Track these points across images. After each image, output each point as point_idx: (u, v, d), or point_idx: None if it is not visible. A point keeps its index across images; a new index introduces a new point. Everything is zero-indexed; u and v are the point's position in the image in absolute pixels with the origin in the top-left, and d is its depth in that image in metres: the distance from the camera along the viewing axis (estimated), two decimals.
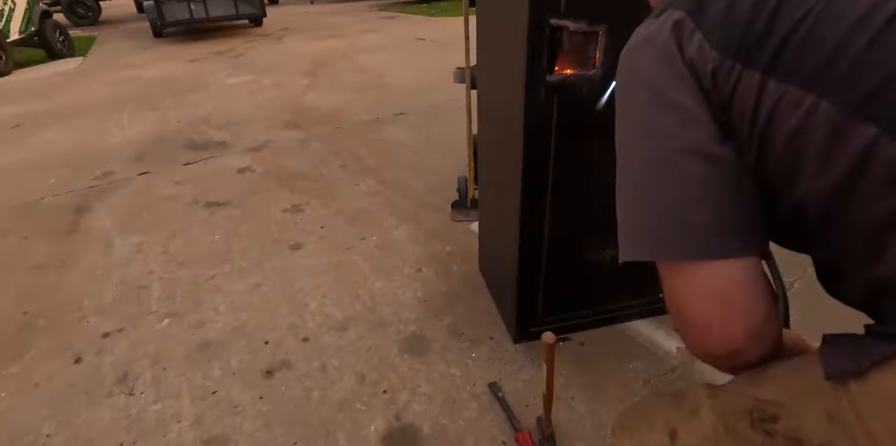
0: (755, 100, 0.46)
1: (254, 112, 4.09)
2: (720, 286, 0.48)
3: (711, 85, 0.48)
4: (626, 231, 0.55)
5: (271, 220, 2.44)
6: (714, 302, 0.48)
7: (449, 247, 2.16)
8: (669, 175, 0.50)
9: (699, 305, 0.49)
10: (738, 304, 0.48)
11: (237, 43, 7.48)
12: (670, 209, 0.50)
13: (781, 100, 0.45)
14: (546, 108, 1.24)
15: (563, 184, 1.37)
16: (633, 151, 0.55)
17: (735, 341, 0.48)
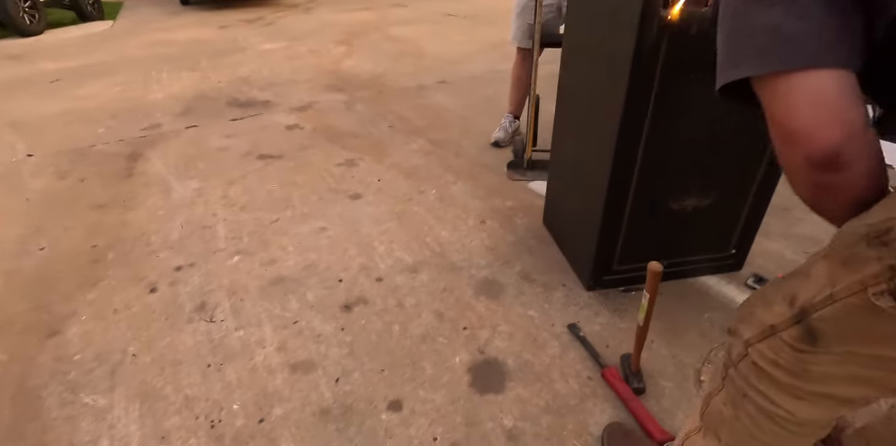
0: None
1: (294, 75, 4.07)
2: (820, 93, 0.50)
3: None
4: (738, 50, 0.55)
5: (327, 172, 2.44)
6: (814, 108, 0.50)
7: (510, 203, 2.16)
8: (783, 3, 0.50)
9: (800, 113, 0.51)
10: (836, 110, 0.50)
11: (266, 12, 7.42)
12: (773, 25, 0.51)
13: None
14: (655, 45, 1.23)
15: (657, 129, 1.36)
16: None
17: (836, 145, 0.50)
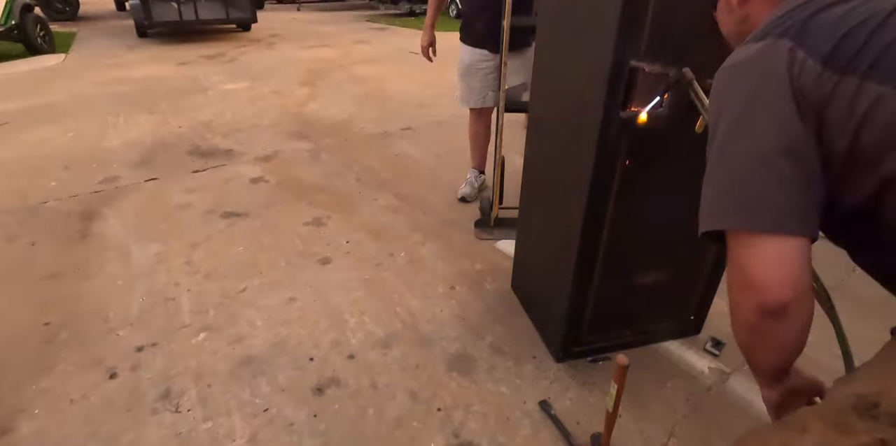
0: (851, 101, 0.59)
1: (257, 120, 4.05)
2: (784, 256, 0.61)
3: (813, 93, 0.61)
4: (716, 207, 0.67)
5: (294, 233, 2.42)
6: (776, 268, 0.61)
7: (478, 265, 2.20)
8: (764, 169, 0.62)
9: (763, 269, 0.61)
10: (794, 273, 0.61)
11: (227, 47, 7.39)
12: (759, 193, 0.63)
13: (879, 98, 0.57)
14: (616, 140, 1.31)
15: (622, 210, 1.44)
16: (730, 144, 0.66)
17: (786, 301, 0.61)
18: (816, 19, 0.64)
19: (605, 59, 1.20)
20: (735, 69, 0.69)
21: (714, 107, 0.71)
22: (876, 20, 0.61)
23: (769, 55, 0.65)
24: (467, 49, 2.50)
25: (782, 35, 0.65)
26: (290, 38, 8.36)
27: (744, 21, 0.81)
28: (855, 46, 0.60)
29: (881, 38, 0.59)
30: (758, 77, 0.65)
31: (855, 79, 0.59)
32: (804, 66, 0.61)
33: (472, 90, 2.55)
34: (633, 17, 1.15)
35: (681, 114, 1.29)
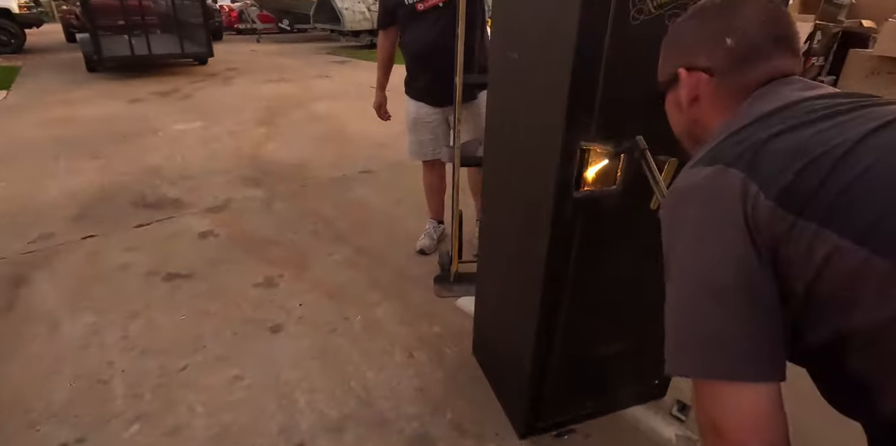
0: (809, 245, 0.55)
1: (210, 164, 3.91)
2: (753, 405, 0.56)
3: (767, 230, 0.57)
4: (675, 350, 0.63)
5: (243, 297, 2.29)
6: (745, 419, 0.56)
7: (437, 328, 2.11)
8: (722, 308, 0.58)
9: (732, 420, 0.57)
10: (765, 423, 0.56)
11: (182, 83, 7.23)
12: (715, 336, 0.59)
13: (836, 250, 0.53)
14: (570, 220, 1.27)
15: (581, 282, 1.39)
16: (686, 279, 0.63)
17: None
18: (773, 146, 0.60)
19: (555, 139, 1.17)
20: (684, 196, 0.65)
21: (666, 233, 0.67)
22: (838, 151, 0.56)
23: (720, 186, 0.60)
24: (412, 102, 2.46)
25: (734, 163, 0.60)
26: (248, 71, 8.26)
27: (694, 122, 0.78)
28: (812, 185, 0.55)
29: (842, 175, 0.54)
30: (709, 208, 0.61)
31: (812, 224, 0.54)
32: (757, 201, 0.57)
33: (421, 143, 2.50)
34: (583, 97, 1.11)
35: (635, 190, 1.26)
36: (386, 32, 2.42)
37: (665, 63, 0.81)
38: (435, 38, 2.20)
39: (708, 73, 0.73)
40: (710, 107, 0.75)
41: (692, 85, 0.74)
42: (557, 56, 1.09)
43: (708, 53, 0.72)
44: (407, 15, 2.26)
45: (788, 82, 0.70)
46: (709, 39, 0.72)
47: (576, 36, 1.02)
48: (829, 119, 0.60)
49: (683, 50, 0.76)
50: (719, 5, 0.73)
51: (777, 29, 0.71)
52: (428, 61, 2.28)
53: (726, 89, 0.72)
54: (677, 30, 0.79)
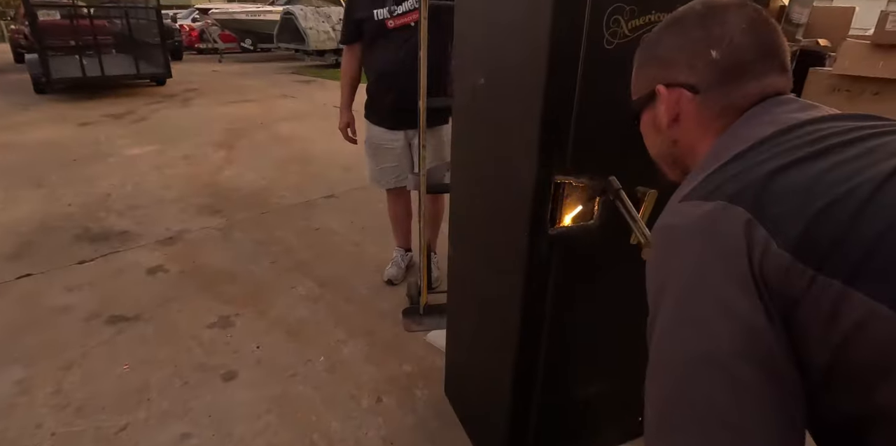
0: (833, 307, 0.45)
1: (163, 192, 3.69)
2: None
3: (779, 287, 0.47)
4: (660, 422, 0.53)
5: (195, 340, 2.09)
6: None
7: (407, 367, 1.97)
8: (719, 381, 0.48)
9: None
10: None
11: (137, 104, 6.96)
12: (715, 414, 0.48)
13: (871, 315, 0.43)
14: (546, 258, 1.16)
15: (560, 321, 1.29)
16: (675, 340, 0.53)
17: None
18: (781, 181, 0.50)
19: (528, 174, 1.06)
20: (677, 237, 0.55)
21: (654, 277, 0.57)
22: (863, 192, 0.46)
23: (720, 227, 0.51)
24: (373, 127, 2.32)
25: (736, 199, 0.51)
26: (208, 92, 8.03)
27: (675, 144, 0.70)
28: (835, 232, 0.45)
29: (870, 223, 0.44)
30: (706, 255, 0.51)
31: (837, 282, 0.45)
32: (767, 249, 0.47)
33: (384, 171, 2.37)
34: (557, 128, 1.02)
35: (614, 224, 1.17)
36: (351, 48, 2.26)
37: (639, 79, 0.72)
38: (403, 57, 2.08)
39: (690, 90, 0.64)
40: (693, 127, 0.66)
41: (672, 103, 0.66)
42: (528, 82, 1.00)
43: (690, 67, 0.64)
44: (375, 31, 2.12)
45: (783, 102, 0.62)
46: (690, 51, 0.64)
47: (546, 61, 0.93)
48: (844, 149, 0.51)
49: (661, 63, 0.67)
50: (700, 13, 0.65)
51: (765, 40, 0.63)
52: (393, 82, 2.16)
53: (712, 108, 0.64)
54: (653, 41, 0.70)
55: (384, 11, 2.07)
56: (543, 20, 0.91)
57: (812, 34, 3.13)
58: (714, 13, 0.64)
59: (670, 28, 0.67)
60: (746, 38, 0.62)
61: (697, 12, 0.65)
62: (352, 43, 2.23)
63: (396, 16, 2.07)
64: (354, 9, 2.14)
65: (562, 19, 0.91)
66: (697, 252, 0.52)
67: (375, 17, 2.08)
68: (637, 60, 0.73)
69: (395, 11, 2.06)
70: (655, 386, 0.54)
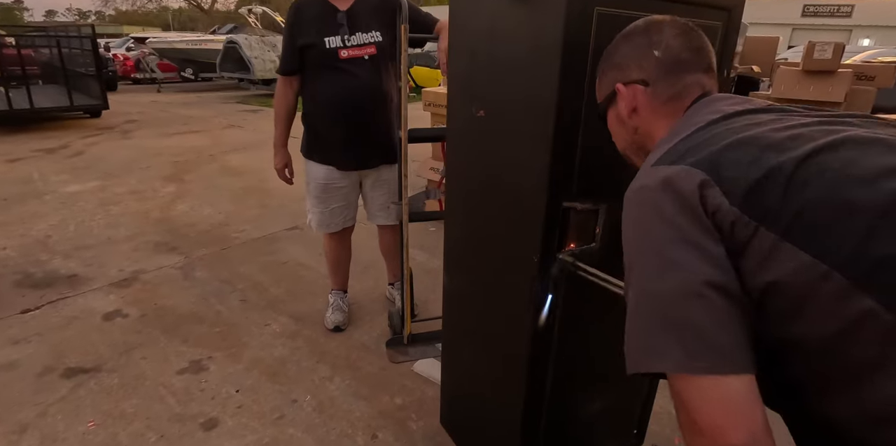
0: (767, 255, 0.57)
1: (111, 231, 3.47)
2: (733, 396, 0.57)
3: (730, 234, 0.60)
4: (646, 347, 0.64)
5: (166, 388, 1.95)
6: (725, 409, 0.57)
7: (399, 399, 1.91)
8: (698, 303, 0.59)
9: (713, 412, 0.57)
10: (745, 413, 0.57)
11: (72, 137, 6.58)
12: (696, 331, 0.59)
13: (795, 263, 0.55)
14: (556, 284, 1.18)
15: (563, 349, 1.30)
16: (657, 278, 0.63)
17: (740, 443, 0.56)
18: (730, 155, 0.62)
19: (538, 201, 1.09)
20: (647, 193, 0.67)
21: (629, 235, 0.69)
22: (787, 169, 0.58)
23: (682, 184, 0.62)
24: (318, 167, 2.13)
25: (697, 164, 0.63)
26: (149, 123, 7.72)
27: (635, 131, 0.84)
28: (770, 197, 0.57)
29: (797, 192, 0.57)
30: (673, 208, 0.63)
31: (773, 235, 0.57)
32: (721, 205, 0.60)
33: (332, 213, 2.20)
34: (564, 157, 1.05)
35: (614, 245, 1.20)
36: (290, 80, 2.07)
37: (602, 83, 0.88)
38: (355, 90, 1.97)
39: (642, 84, 0.80)
40: (649, 115, 0.81)
41: (630, 97, 0.81)
42: (537, 116, 1.03)
43: (639, 66, 0.80)
44: (323, 61, 1.96)
45: (723, 98, 0.76)
46: (638, 54, 0.80)
47: (556, 99, 0.97)
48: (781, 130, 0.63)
49: (617, 67, 0.84)
50: (642, 27, 0.82)
51: (694, 43, 0.79)
52: (344, 117, 2.01)
53: (661, 97, 0.79)
54: (610, 52, 0.86)
55: (337, 39, 1.93)
56: (553, 60, 0.95)
57: (745, 62, 3.41)
58: (654, 25, 0.81)
59: (621, 39, 0.85)
60: (679, 40, 0.79)
61: (641, 26, 0.82)
62: (292, 74, 2.05)
63: (351, 46, 1.95)
64: (298, 34, 1.96)
65: (570, 59, 0.95)
66: (664, 205, 0.63)
67: (327, 44, 1.93)
68: (599, 69, 0.89)
69: (350, 41, 1.95)
70: (638, 315, 0.65)
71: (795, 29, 19.33)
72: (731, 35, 1.21)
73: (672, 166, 0.65)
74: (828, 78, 2.49)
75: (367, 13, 1.97)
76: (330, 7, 1.97)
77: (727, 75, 1.28)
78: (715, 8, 1.15)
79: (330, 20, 1.96)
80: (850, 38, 19.20)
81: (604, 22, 0.96)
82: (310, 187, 2.21)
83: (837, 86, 2.50)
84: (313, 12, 1.98)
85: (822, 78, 2.50)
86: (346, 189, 2.20)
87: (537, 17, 0.99)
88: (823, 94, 2.51)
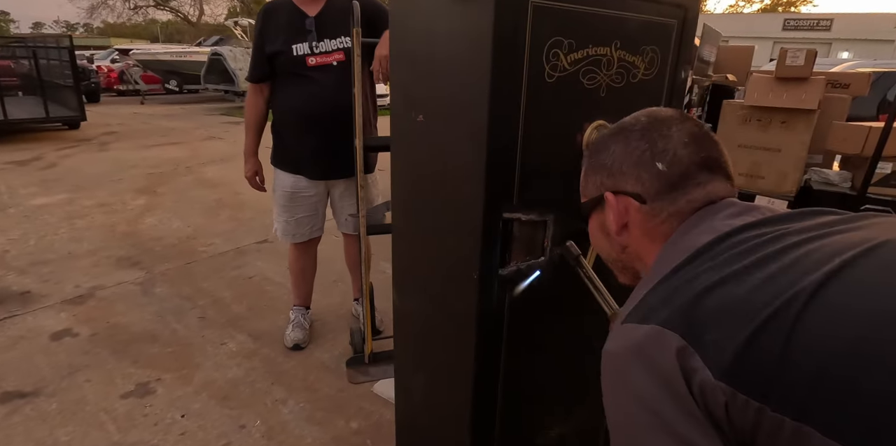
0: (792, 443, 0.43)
1: (73, 245, 3.35)
2: None
3: (725, 419, 0.47)
4: None
5: (107, 413, 1.83)
6: None
7: (355, 423, 1.80)
8: None
9: None
10: None
11: (46, 150, 6.44)
12: None
13: None
14: (499, 302, 1.09)
15: (514, 369, 1.21)
16: None
17: None
18: (710, 302, 0.50)
19: (474, 212, 1.00)
20: (618, 364, 0.56)
21: (606, 400, 0.58)
22: (788, 318, 0.44)
23: (656, 355, 0.50)
24: (286, 175, 2.09)
25: (669, 324, 0.51)
26: (128, 135, 7.60)
27: (624, 250, 0.72)
28: (768, 361, 0.44)
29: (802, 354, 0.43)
30: (649, 387, 0.51)
31: (786, 418, 0.43)
32: (705, 380, 0.47)
33: (299, 223, 2.15)
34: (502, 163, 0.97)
35: (565, 260, 1.12)
36: (260, 87, 2.03)
37: (588, 182, 0.74)
38: (324, 98, 1.92)
39: (637, 199, 0.66)
40: (641, 235, 0.68)
41: (621, 211, 0.68)
42: (471, 118, 0.95)
43: (636, 177, 0.66)
44: (291, 68, 1.91)
45: (722, 207, 0.64)
46: (636, 162, 0.66)
47: (489, 97, 0.88)
48: (773, 259, 0.51)
49: (609, 172, 0.69)
50: (644, 126, 0.67)
51: (708, 153, 0.65)
52: (313, 125, 1.96)
53: (658, 217, 0.65)
54: (600, 148, 0.71)
55: (304, 46, 1.89)
56: (484, 56, 0.87)
57: (720, 70, 3.38)
58: (657, 126, 0.66)
59: (617, 137, 0.69)
60: (690, 150, 0.64)
61: (642, 124, 0.67)
62: (261, 81, 2.02)
63: (319, 54, 1.91)
64: (266, 42, 1.93)
65: (502, 55, 0.87)
66: (642, 381, 0.51)
67: (294, 52, 1.89)
68: (585, 164, 0.75)
69: (318, 48, 1.90)
70: None
71: (776, 42, 19.66)
72: (686, 33, 1.15)
73: (642, 325, 0.53)
74: (801, 85, 2.45)
75: (337, 19, 1.89)
76: (298, 13, 1.91)
77: (684, 77, 1.21)
78: (670, 5, 1.09)
79: (298, 27, 1.91)
80: (829, 52, 19.58)
81: (541, 15, 0.89)
82: (276, 195, 2.16)
83: (810, 93, 2.46)
84: (281, 18, 1.93)
85: (796, 85, 2.46)
86: (314, 198, 2.14)
87: (469, 12, 0.92)
88: (796, 102, 2.47)
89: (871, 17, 19.99)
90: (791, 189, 2.50)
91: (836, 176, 2.52)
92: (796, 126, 2.51)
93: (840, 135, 2.44)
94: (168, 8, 23.02)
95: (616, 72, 1.04)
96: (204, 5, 22.80)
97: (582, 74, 0.98)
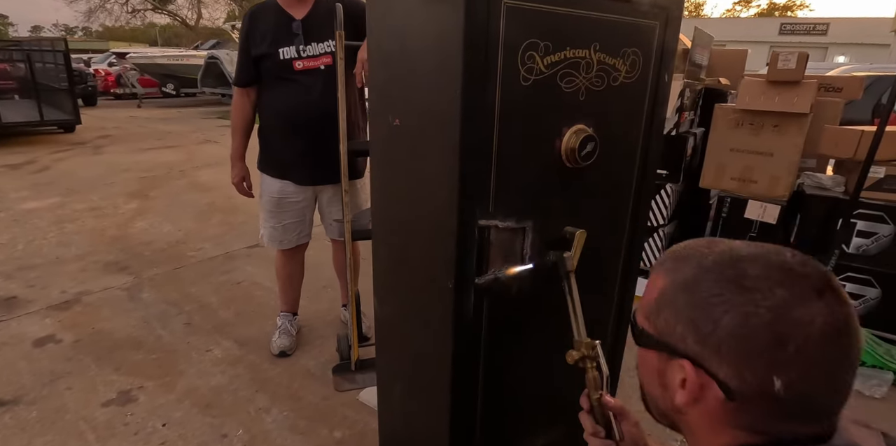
0: None
1: (60, 250, 3.31)
2: None
3: None
4: None
5: (87, 422, 1.79)
6: None
7: (339, 433, 1.77)
8: None
9: None
10: None
11: (41, 153, 6.42)
12: None
13: None
14: (476, 311, 1.06)
15: (493, 379, 1.18)
16: None
17: None
18: None
19: (449, 219, 0.97)
20: None
21: None
22: None
23: None
24: (273, 181, 2.07)
25: None
26: (124, 139, 7.58)
27: (678, 413, 0.58)
28: None
29: None
30: None
31: None
32: None
33: (286, 229, 2.13)
34: (476, 168, 0.94)
35: (543, 269, 1.09)
36: (246, 91, 2.01)
37: (664, 316, 0.55)
38: (311, 102, 1.89)
39: (726, 394, 0.50)
40: (705, 419, 0.54)
41: (695, 387, 0.52)
42: (445, 122, 0.92)
43: (737, 372, 0.49)
44: (278, 72, 1.89)
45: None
46: (748, 355, 0.48)
47: (462, 100, 0.86)
48: None
49: (702, 338, 0.51)
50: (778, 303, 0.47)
51: (844, 371, 0.49)
52: (300, 129, 1.94)
53: (741, 420, 0.52)
54: (700, 294, 0.52)
55: (291, 50, 1.86)
56: (454, 57, 0.85)
57: (713, 74, 3.36)
58: (794, 304, 0.47)
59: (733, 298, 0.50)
60: (824, 362, 0.47)
61: (775, 299, 0.47)
62: (248, 85, 2.00)
63: (306, 57, 1.88)
64: (252, 45, 1.90)
65: (474, 56, 0.85)
66: None
67: (281, 55, 1.87)
68: (670, 294, 0.55)
69: (305, 52, 1.87)
70: None
71: (773, 47, 19.72)
72: (669, 35, 1.12)
73: None
74: (793, 88, 2.43)
75: (325, 22, 1.86)
76: (285, 16, 1.88)
77: (668, 80, 1.19)
78: (651, 6, 1.06)
79: (285, 30, 1.88)
80: (826, 56, 19.63)
81: (515, 16, 0.87)
82: (263, 201, 2.14)
83: (802, 96, 2.44)
84: (268, 21, 1.90)
85: (787, 88, 2.44)
86: (302, 204, 2.11)
87: (440, 12, 0.89)
88: (788, 105, 2.45)
89: (868, 21, 20.06)
90: (783, 193, 2.48)
91: (828, 180, 2.50)
92: (788, 130, 2.49)
93: (832, 139, 2.42)
94: (166, 11, 23.04)
95: (596, 75, 1.01)
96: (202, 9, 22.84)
97: (560, 77, 0.96)
